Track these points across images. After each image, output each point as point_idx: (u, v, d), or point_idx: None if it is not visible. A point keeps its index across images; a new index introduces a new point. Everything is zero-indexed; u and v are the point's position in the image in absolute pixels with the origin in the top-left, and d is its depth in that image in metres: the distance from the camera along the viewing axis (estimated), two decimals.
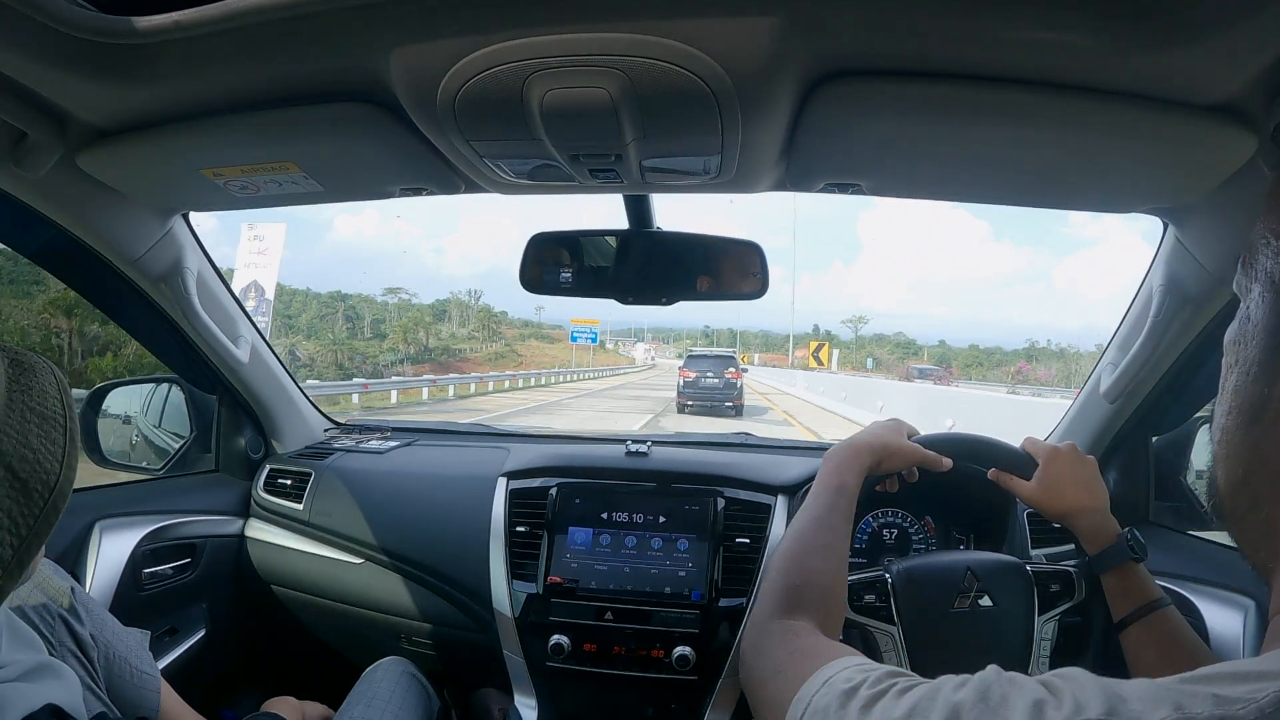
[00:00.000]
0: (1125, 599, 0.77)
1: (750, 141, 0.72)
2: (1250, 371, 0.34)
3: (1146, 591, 0.76)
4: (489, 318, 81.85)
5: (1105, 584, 0.79)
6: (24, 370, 0.52)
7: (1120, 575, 0.78)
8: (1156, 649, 0.73)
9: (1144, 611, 0.75)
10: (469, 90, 0.62)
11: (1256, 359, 0.33)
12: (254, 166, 0.84)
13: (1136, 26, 0.52)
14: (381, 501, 1.32)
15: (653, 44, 0.56)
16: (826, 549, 0.69)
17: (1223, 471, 0.36)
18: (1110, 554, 0.79)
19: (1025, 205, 0.90)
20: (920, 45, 0.58)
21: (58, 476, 0.50)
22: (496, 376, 27.22)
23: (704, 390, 17.45)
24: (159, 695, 0.81)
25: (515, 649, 1.16)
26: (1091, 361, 1.36)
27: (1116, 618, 0.77)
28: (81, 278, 1.10)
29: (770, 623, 0.61)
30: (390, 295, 78.90)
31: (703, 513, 1.16)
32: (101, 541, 1.11)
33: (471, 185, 0.90)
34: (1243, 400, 0.34)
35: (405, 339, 60.49)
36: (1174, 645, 0.73)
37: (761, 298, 1.03)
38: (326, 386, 16.26)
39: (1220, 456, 0.36)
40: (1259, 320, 0.34)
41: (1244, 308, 0.36)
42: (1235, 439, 0.35)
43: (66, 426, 0.52)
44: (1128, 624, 0.76)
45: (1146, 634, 0.74)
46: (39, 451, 0.49)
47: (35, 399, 0.51)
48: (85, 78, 0.65)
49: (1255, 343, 0.34)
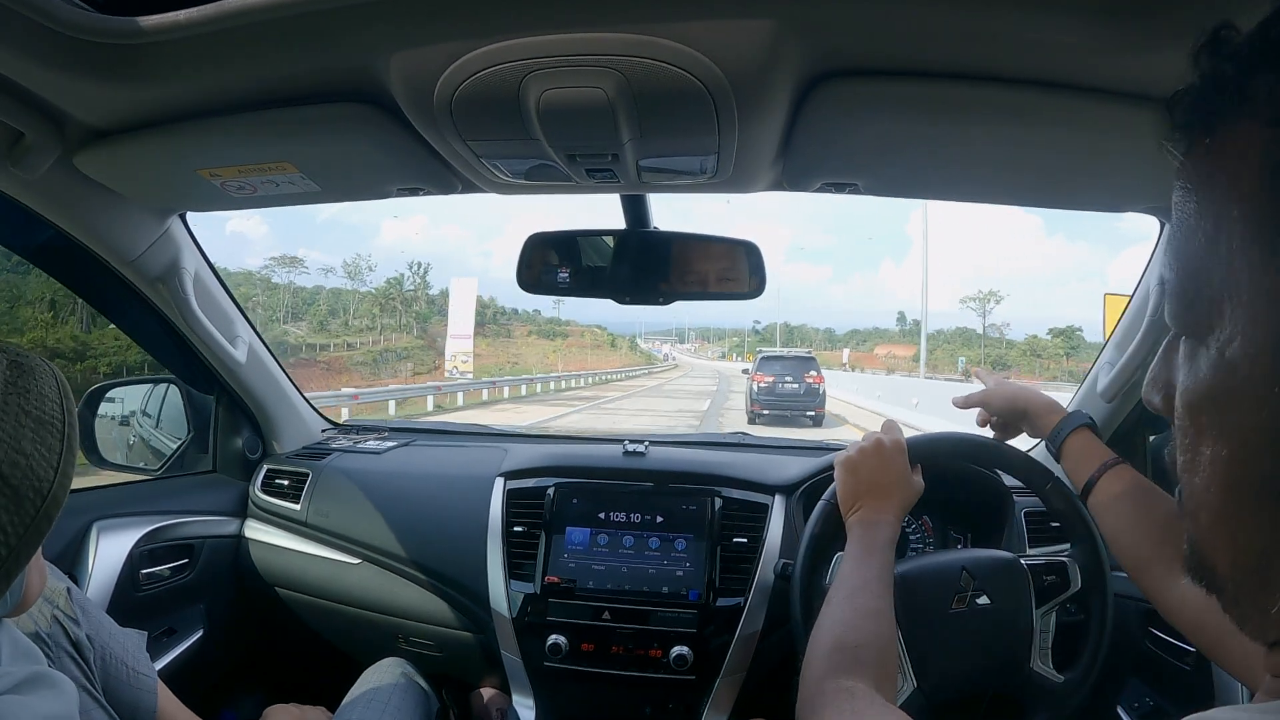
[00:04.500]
0: (1086, 463, 0.81)
1: (747, 141, 0.72)
2: (1250, 440, 0.26)
3: (1102, 451, 0.82)
4: (423, 304, 58.94)
5: (1064, 456, 0.84)
6: (23, 372, 0.51)
7: (1078, 440, 0.83)
8: (1128, 502, 0.76)
9: (1106, 468, 0.79)
10: (466, 90, 0.62)
11: (1265, 426, 0.26)
12: (251, 167, 0.84)
13: (1132, 26, 0.52)
14: (379, 502, 1.32)
15: (649, 44, 0.56)
16: (879, 614, 0.69)
17: (1226, 556, 0.29)
18: (1067, 421, 0.85)
19: (1022, 204, 0.91)
20: (916, 45, 0.59)
21: (51, 484, 0.48)
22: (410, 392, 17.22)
23: (782, 397, 15.26)
24: (156, 696, 0.80)
25: (513, 649, 1.15)
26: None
27: (1080, 482, 0.82)
28: (78, 278, 1.10)
29: (825, 683, 0.60)
30: (287, 268, 55.30)
31: (700, 512, 1.16)
32: (99, 542, 1.11)
33: (469, 185, 0.90)
34: (1250, 475, 0.27)
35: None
36: (1144, 496, 0.76)
37: (758, 297, 1.03)
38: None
39: (1222, 542, 0.29)
40: (1251, 373, 0.26)
41: (1208, 353, 0.28)
42: (1244, 522, 0.28)
43: (64, 433, 0.50)
44: (1093, 486, 0.80)
45: (1114, 486, 0.78)
46: (32, 457, 0.47)
47: (33, 402, 0.49)
48: (83, 78, 0.65)
49: (1251, 405, 0.26)
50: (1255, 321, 0.26)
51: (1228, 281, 0.26)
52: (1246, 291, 0.26)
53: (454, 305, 31.06)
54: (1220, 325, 0.27)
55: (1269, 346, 0.25)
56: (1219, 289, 0.27)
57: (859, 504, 0.82)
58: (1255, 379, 0.26)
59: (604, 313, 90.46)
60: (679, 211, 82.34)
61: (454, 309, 30.65)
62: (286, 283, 55.08)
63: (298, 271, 57.27)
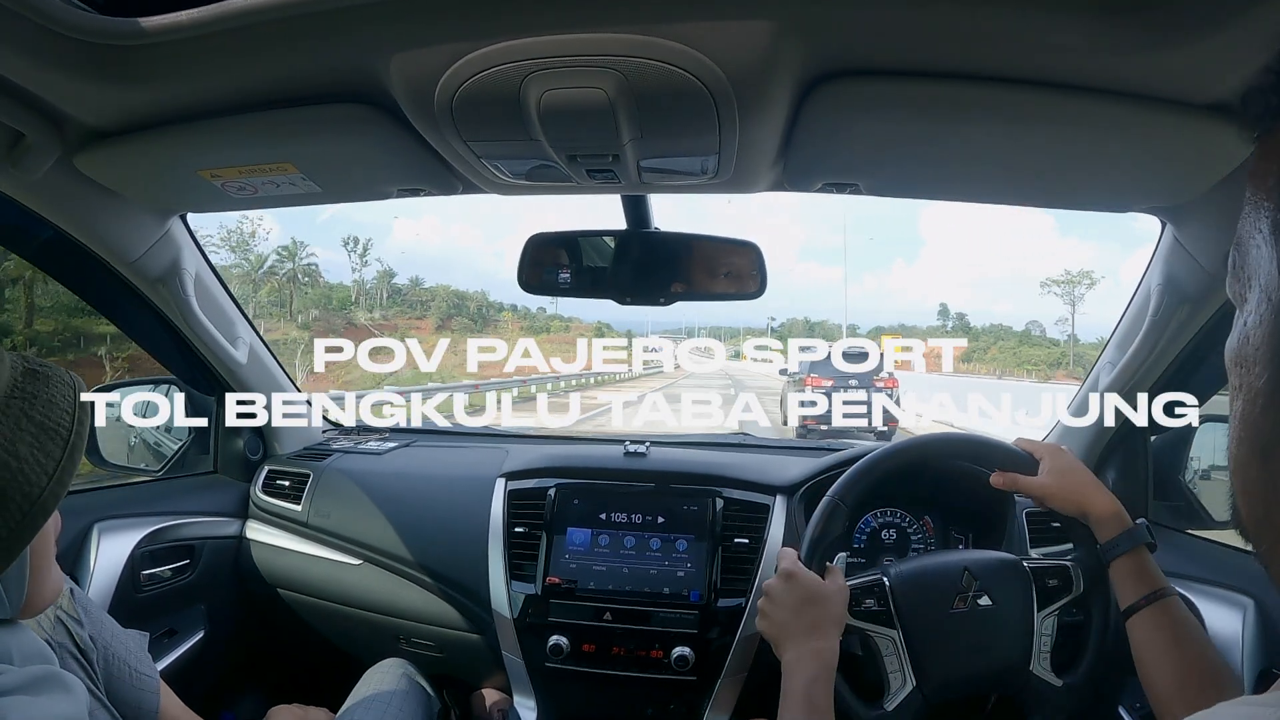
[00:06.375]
0: (1135, 585, 0.77)
1: (748, 141, 0.72)
2: (1257, 402, 0.30)
3: (1156, 579, 0.77)
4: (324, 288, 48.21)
5: (1115, 571, 0.79)
6: (36, 379, 0.51)
7: (1132, 561, 0.78)
8: (1166, 635, 0.73)
9: (1154, 598, 0.75)
10: (466, 91, 0.62)
11: (1262, 389, 0.30)
12: (252, 168, 0.84)
13: (1134, 26, 0.52)
14: (380, 502, 1.32)
15: (650, 44, 0.56)
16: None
17: (1243, 505, 0.33)
18: (1126, 538, 0.78)
19: (1023, 204, 0.91)
20: (917, 45, 0.59)
21: (42, 490, 0.48)
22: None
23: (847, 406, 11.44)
24: (158, 697, 0.80)
25: (514, 650, 1.15)
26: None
27: (1124, 604, 0.77)
28: (79, 279, 1.10)
29: None
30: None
31: (701, 513, 1.16)
32: (100, 543, 1.11)
33: (469, 186, 0.90)
34: (1253, 433, 0.31)
35: None
36: (1183, 633, 0.73)
37: (759, 297, 1.03)
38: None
39: (1239, 489, 0.33)
40: (1260, 343, 0.30)
41: (1240, 320, 0.33)
42: (1250, 474, 0.32)
43: (69, 441, 0.50)
44: (1136, 610, 0.76)
45: (1156, 620, 0.74)
46: (26, 461, 0.47)
47: (38, 408, 0.50)
48: (83, 79, 0.65)
49: (1259, 369, 0.30)
50: (1267, 298, 0.30)
51: (1256, 261, 0.31)
52: (1263, 277, 0.30)
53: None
54: (1250, 298, 0.32)
55: (1270, 319, 0.30)
56: (1252, 267, 0.31)
57: (789, 644, 0.78)
58: (1261, 344, 0.30)
59: (615, 313, 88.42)
60: (692, 213, 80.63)
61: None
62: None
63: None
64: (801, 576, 0.81)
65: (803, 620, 0.78)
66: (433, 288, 64.29)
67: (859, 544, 1.21)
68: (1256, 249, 0.31)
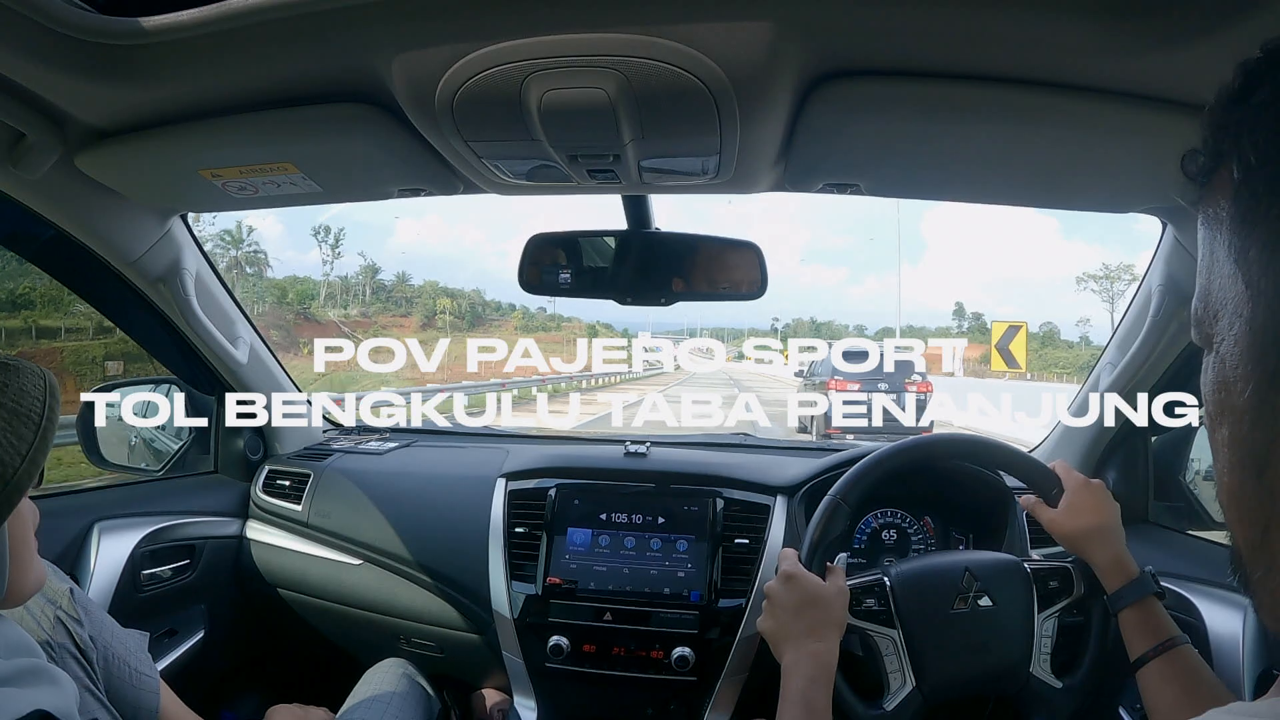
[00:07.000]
0: (1144, 636, 0.75)
1: (748, 142, 0.72)
2: (1244, 420, 0.30)
3: (1166, 628, 0.75)
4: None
5: (1123, 621, 0.78)
6: (7, 371, 0.55)
7: (1140, 611, 0.77)
8: (1177, 686, 0.72)
9: (1164, 648, 0.74)
10: (467, 91, 0.62)
11: (1247, 403, 0.30)
12: (253, 167, 0.84)
13: (1134, 26, 0.52)
14: (381, 502, 1.32)
15: (650, 44, 0.56)
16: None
17: (1240, 533, 0.32)
18: (1133, 588, 0.78)
19: (1024, 205, 0.91)
20: (917, 45, 0.59)
21: (16, 470, 0.52)
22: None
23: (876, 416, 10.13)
24: (158, 696, 0.80)
25: (514, 650, 1.15)
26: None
27: (1134, 655, 0.76)
28: (80, 279, 1.10)
29: None
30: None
31: (702, 513, 1.16)
32: (100, 543, 1.11)
33: (470, 186, 0.90)
34: (1244, 451, 0.31)
35: None
36: (1195, 683, 0.72)
37: (759, 298, 1.03)
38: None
39: (1234, 519, 0.32)
40: (1238, 360, 0.30)
41: (1213, 354, 0.32)
42: (1246, 495, 0.31)
43: (40, 426, 0.54)
44: (1146, 661, 0.74)
45: (1166, 672, 0.73)
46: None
47: (10, 395, 0.53)
48: (84, 79, 0.65)
49: (1241, 386, 0.30)
50: (1238, 316, 0.30)
51: (1221, 290, 0.31)
52: (1231, 301, 0.31)
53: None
54: (1219, 329, 0.32)
55: (1245, 334, 0.30)
56: (1218, 299, 0.32)
57: (788, 646, 0.78)
58: (1239, 361, 0.30)
59: (616, 313, 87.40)
60: (693, 214, 79.85)
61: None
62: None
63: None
64: (802, 578, 0.80)
65: (802, 622, 0.78)
66: (420, 285, 64.06)
67: (859, 544, 1.21)
68: (1221, 279, 0.31)
